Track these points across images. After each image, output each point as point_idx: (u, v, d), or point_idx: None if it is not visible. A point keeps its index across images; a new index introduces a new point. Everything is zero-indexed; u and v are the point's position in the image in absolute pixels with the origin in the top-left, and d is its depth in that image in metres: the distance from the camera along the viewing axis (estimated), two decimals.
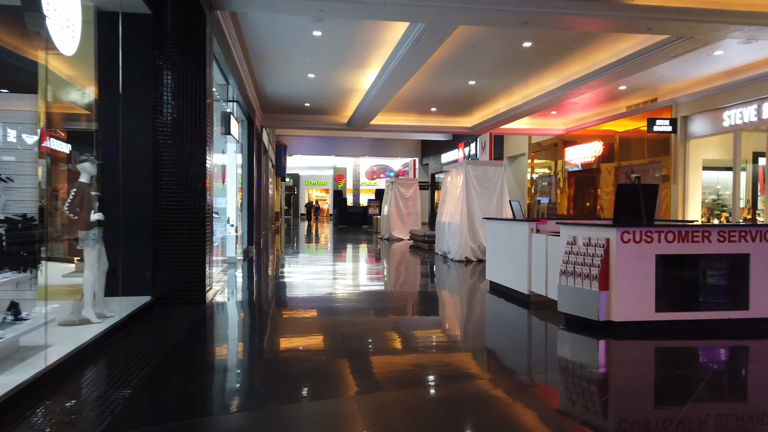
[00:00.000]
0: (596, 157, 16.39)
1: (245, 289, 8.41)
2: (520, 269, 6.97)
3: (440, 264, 11.92)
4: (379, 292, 8.26)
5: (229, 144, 11.32)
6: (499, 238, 7.84)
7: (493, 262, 8.01)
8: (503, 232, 7.65)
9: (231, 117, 9.87)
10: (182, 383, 3.99)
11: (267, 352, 4.92)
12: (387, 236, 19.42)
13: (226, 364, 4.66)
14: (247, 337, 5.59)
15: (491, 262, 8.11)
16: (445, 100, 14.57)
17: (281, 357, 4.75)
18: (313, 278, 9.62)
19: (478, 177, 12.07)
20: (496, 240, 7.93)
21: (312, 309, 6.90)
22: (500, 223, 7.83)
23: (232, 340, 5.42)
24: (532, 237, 6.71)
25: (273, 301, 7.49)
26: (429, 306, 7.42)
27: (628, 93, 13.40)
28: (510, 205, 7.71)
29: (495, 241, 7.99)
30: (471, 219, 12.01)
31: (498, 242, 7.86)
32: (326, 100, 14.47)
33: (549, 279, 6.31)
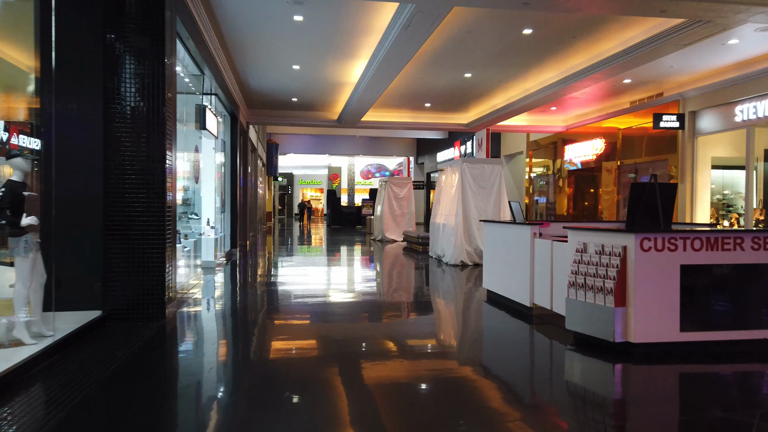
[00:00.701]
0: (597, 155, 15.68)
1: (218, 298, 7.64)
2: (521, 279, 6.23)
3: (434, 268, 11.17)
4: (366, 303, 7.50)
5: (207, 140, 10.54)
6: (497, 242, 7.09)
7: (491, 269, 7.26)
8: (502, 236, 6.90)
9: (207, 111, 9.10)
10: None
11: (228, 387, 4.15)
12: (380, 238, 18.67)
13: (164, 406, 3.89)
14: (202, 365, 4.82)
15: (489, 269, 7.36)
16: (439, 94, 13.83)
17: (246, 392, 3.99)
18: (296, 286, 8.86)
19: (475, 175, 11.33)
20: (494, 245, 7.18)
21: (289, 325, 6.14)
22: (498, 227, 7.08)
23: (184, 370, 4.64)
24: (535, 242, 5.96)
25: (245, 315, 6.73)
26: (420, 320, 6.66)
27: (632, 87, 12.67)
28: (509, 206, 6.98)
29: (493, 246, 7.24)
30: (467, 220, 11.27)
31: (496, 247, 7.11)
32: (314, 94, 13.70)
33: (555, 291, 5.57)
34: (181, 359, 4.88)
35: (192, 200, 12.82)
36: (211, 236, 10.80)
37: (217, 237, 11.31)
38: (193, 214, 11.80)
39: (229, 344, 5.33)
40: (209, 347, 5.17)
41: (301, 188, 47.19)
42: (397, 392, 3.90)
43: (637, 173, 13.97)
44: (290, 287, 8.71)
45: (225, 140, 13.00)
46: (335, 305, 7.20)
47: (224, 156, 12.90)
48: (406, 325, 6.13)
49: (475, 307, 7.19)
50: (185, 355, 5.01)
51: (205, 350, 5.07)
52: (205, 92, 10.12)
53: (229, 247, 13.15)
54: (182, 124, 9.43)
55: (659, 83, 12.31)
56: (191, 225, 11.24)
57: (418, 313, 6.89)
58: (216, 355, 4.92)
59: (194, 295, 7.43)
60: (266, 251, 15.11)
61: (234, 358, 4.86)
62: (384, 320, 6.28)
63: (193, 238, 9.29)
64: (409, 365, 4.54)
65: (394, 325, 6.06)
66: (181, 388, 4.10)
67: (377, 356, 4.81)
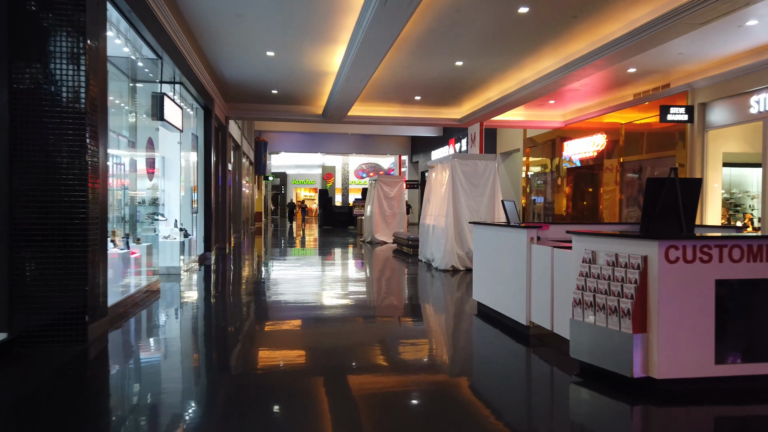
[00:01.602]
0: (598, 152, 14.75)
1: (168, 314, 6.66)
2: (516, 291, 5.28)
3: (423, 274, 10.22)
4: (341, 320, 6.53)
5: (171, 134, 9.56)
6: (488, 248, 6.14)
7: (482, 278, 6.31)
8: (494, 240, 5.95)
9: (165, 100, 8.13)
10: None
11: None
12: (369, 239, 17.72)
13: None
14: (108, 413, 3.85)
15: (479, 279, 6.41)
16: (429, 86, 12.87)
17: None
18: (266, 297, 7.90)
19: (467, 173, 10.37)
20: (485, 251, 6.23)
21: (248, 358, 5.18)
22: (490, 230, 6.13)
23: (77, 418, 3.68)
24: (533, 249, 5.01)
25: (194, 336, 5.76)
26: (400, 342, 5.69)
27: (637, 77, 11.74)
28: (503, 205, 6.03)
29: (484, 252, 6.29)
30: (458, 222, 10.32)
31: (487, 254, 6.16)
32: (295, 86, 12.73)
33: (556, 308, 4.62)
34: (81, 403, 3.91)
35: (161, 200, 11.87)
36: (176, 239, 9.83)
37: (185, 240, 10.34)
38: (160, 215, 10.84)
39: (160, 383, 4.36)
40: (130, 386, 4.20)
41: (294, 188, 46.26)
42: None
43: (641, 171, 13.05)
44: (260, 297, 7.74)
45: (198, 135, 12.03)
46: (306, 322, 6.23)
47: (197, 152, 11.93)
48: (384, 349, 5.17)
49: (465, 324, 6.23)
50: (92, 395, 4.04)
51: (124, 390, 4.10)
52: (166, 80, 9.13)
53: (202, 250, 12.18)
54: (141, 116, 8.46)
55: (666, 73, 11.38)
56: (156, 227, 10.28)
57: (400, 333, 5.92)
58: (138, 397, 3.95)
59: (139, 310, 6.45)
60: (246, 254, 14.14)
61: (162, 409, 3.89)
62: (359, 344, 5.32)
63: (148, 242, 8.31)
64: (383, 401, 3.58)
65: (368, 351, 5.10)
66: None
67: (348, 396, 3.85)
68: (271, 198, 41.43)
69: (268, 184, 39.82)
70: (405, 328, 5.97)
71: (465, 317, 6.43)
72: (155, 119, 8.08)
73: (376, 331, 5.77)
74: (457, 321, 6.39)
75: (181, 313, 6.62)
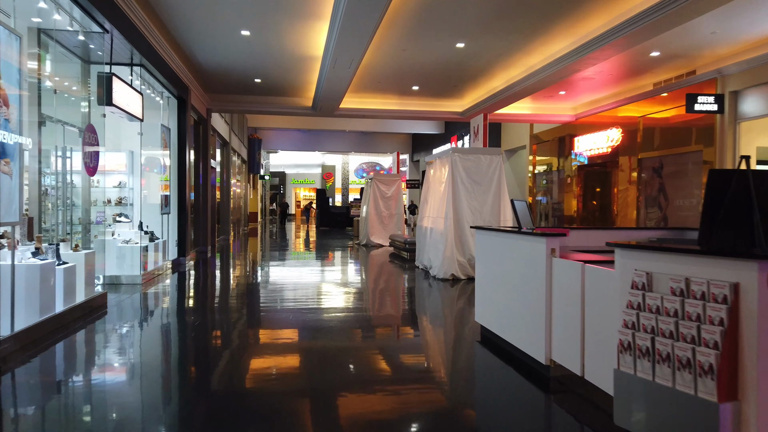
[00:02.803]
0: (612, 148, 13.50)
1: (99, 342, 5.46)
2: (531, 318, 4.06)
3: (420, 284, 9.00)
4: (318, 347, 5.32)
5: (129, 124, 8.38)
6: (494, 259, 4.91)
7: (486, 297, 5.08)
8: (502, 250, 4.73)
9: (115, 82, 6.93)
10: None
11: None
12: (365, 242, 16.51)
13: None
14: None
15: (483, 297, 5.18)
16: (428, 74, 11.64)
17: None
18: (236, 313, 6.70)
19: (469, 169, 9.15)
20: (491, 263, 5.00)
21: (201, 394, 3.97)
22: (497, 236, 4.90)
23: None
24: (554, 264, 3.78)
25: (127, 377, 4.55)
26: (383, 378, 4.46)
27: (659, 63, 10.49)
28: (512, 206, 4.81)
29: (489, 264, 5.06)
30: (458, 224, 9.10)
31: (493, 266, 4.94)
32: (278, 73, 11.51)
33: (588, 346, 3.39)
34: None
35: (129, 199, 10.71)
36: (137, 244, 8.64)
37: (150, 245, 9.15)
38: (123, 216, 9.65)
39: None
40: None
41: (293, 188, 45.19)
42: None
43: (661, 168, 11.79)
44: (225, 315, 6.54)
45: (170, 127, 10.84)
46: (272, 351, 5.02)
47: (170, 146, 10.73)
48: (362, 398, 3.95)
49: (465, 355, 5.00)
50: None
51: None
52: (123, 62, 7.94)
53: (176, 255, 10.99)
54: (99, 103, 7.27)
55: (692, 58, 10.13)
56: (116, 230, 9.10)
57: (384, 369, 4.69)
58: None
59: (63, 335, 5.25)
60: (229, 259, 12.94)
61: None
62: (336, 380, 4.10)
63: (93, 248, 7.11)
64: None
65: (343, 402, 3.88)
66: None
67: None
68: (270, 198, 40.27)
69: (266, 183, 38.69)
70: (392, 361, 4.75)
71: (465, 345, 5.20)
72: (102, 103, 6.88)
73: (358, 368, 4.54)
74: (455, 351, 5.15)
75: (119, 338, 5.41)
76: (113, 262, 8.45)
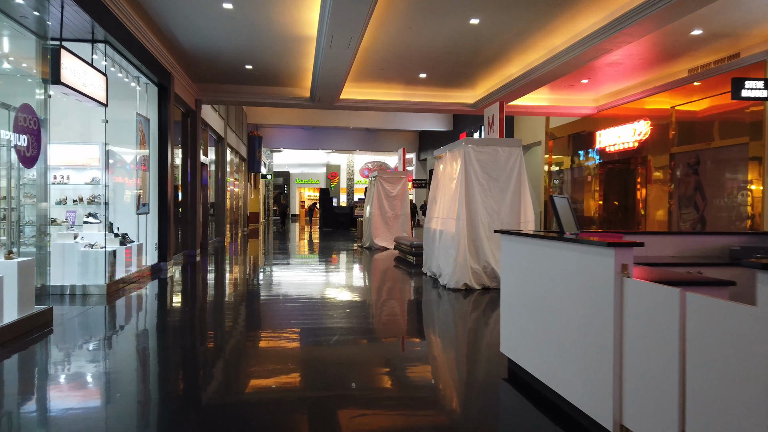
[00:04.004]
0: (640, 143, 12.26)
1: (31, 372, 4.31)
2: (587, 362, 2.87)
3: (428, 295, 7.82)
4: (302, 395, 4.16)
5: (91, 110, 7.26)
6: (527, 274, 3.72)
7: (516, 323, 3.89)
8: (538, 263, 3.54)
9: (64, 56, 5.81)
10: None
11: None
12: (368, 245, 15.34)
13: None
14: None
15: (511, 323, 3.99)
16: (437, 58, 10.46)
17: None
18: (210, 328, 5.55)
19: (484, 163, 7.96)
20: (522, 278, 3.81)
21: None
22: (531, 244, 3.70)
23: None
24: (628, 287, 2.58)
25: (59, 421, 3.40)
26: None
27: (698, 45, 9.26)
28: (551, 204, 3.63)
29: (519, 280, 3.87)
30: (472, 227, 7.91)
31: (525, 284, 3.74)
32: (271, 56, 10.36)
33: (693, 415, 2.19)
34: None
35: (104, 197, 9.62)
36: (103, 248, 7.52)
37: (119, 249, 8.03)
38: (90, 215, 8.55)
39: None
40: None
41: (298, 187, 44.21)
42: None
43: (698, 164, 10.54)
44: (196, 336, 5.39)
45: (149, 118, 9.72)
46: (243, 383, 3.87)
47: (148, 139, 9.61)
48: None
49: (486, 401, 3.80)
50: None
51: None
52: (80, 37, 6.81)
53: (155, 260, 9.87)
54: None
55: (738, 38, 8.90)
56: (80, 232, 8.00)
57: (378, 419, 3.51)
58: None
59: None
60: (218, 264, 11.80)
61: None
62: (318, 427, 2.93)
63: (37, 254, 5.99)
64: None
65: None
66: None
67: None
68: (273, 198, 39.20)
69: (269, 183, 37.63)
70: (388, 406, 3.56)
71: (488, 386, 4.01)
72: (48, 81, 5.75)
73: (355, 403, 3.37)
74: (475, 393, 3.95)
75: (58, 365, 4.26)
76: (74, 270, 7.34)
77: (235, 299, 7.52)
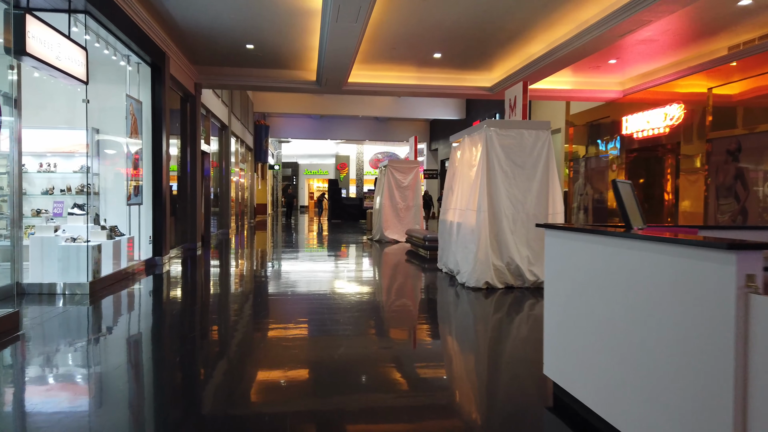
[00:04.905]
0: (671, 127, 11.36)
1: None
2: (687, 406, 2.08)
3: (445, 294, 7.05)
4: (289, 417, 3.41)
5: (67, 88, 6.53)
6: (584, 281, 2.93)
7: (567, 344, 3.11)
8: (602, 267, 2.74)
9: (30, 22, 5.06)
10: None
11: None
12: (378, 237, 14.59)
13: None
14: None
15: (560, 343, 3.21)
16: (453, 36, 9.62)
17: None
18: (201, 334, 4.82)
19: (508, 148, 7.14)
20: (578, 286, 3.01)
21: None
22: (591, 242, 2.90)
23: None
24: (757, 309, 1.79)
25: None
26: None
27: (743, 18, 8.35)
28: (614, 190, 2.85)
29: (573, 287, 3.08)
30: (495, 219, 7.11)
31: (583, 293, 2.95)
32: (272, 35, 9.56)
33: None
34: None
35: (86, 185, 8.96)
36: (88, 242, 6.81)
37: (102, 243, 7.32)
38: (75, 206, 7.85)
39: None
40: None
41: (306, 178, 43.55)
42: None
43: (739, 150, 9.64)
44: (179, 348, 4.67)
45: (142, 101, 8.99)
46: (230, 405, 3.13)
47: (140, 124, 8.88)
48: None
49: None
50: None
51: None
52: (56, 7, 6.04)
53: (150, 254, 9.17)
54: None
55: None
56: (63, 225, 7.30)
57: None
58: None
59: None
60: (219, 257, 11.09)
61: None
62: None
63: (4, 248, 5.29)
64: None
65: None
66: None
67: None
68: (282, 189, 38.50)
69: (278, 174, 36.95)
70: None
71: (528, 417, 3.21)
72: (12, 55, 5.00)
73: None
74: (511, 426, 3.18)
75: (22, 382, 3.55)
76: (54, 267, 6.64)
77: (230, 299, 6.78)
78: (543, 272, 7.18)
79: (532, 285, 7.14)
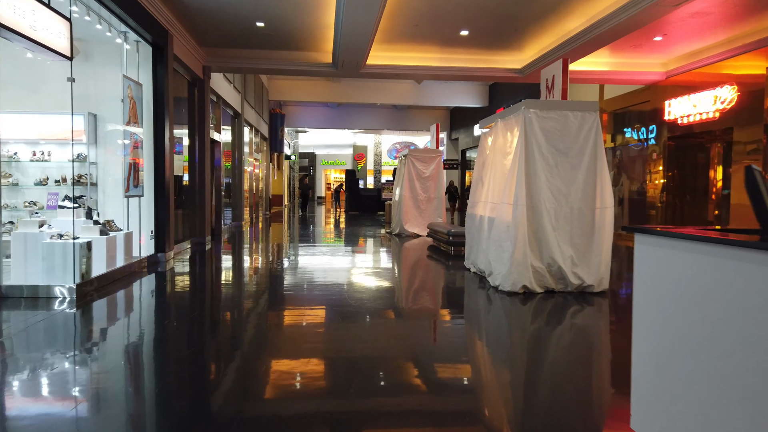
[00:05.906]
0: (722, 112, 10.28)
1: None
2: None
3: (475, 298, 6.21)
4: None
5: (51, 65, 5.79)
6: (703, 307, 2.07)
7: (672, 393, 2.25)
8: (740, 290, 1.88)
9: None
10: None
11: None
12: (398, 231, 13.76)
13: None
14: None
15: (657, 390, 2.34)
16: (482, 9, 8.68)
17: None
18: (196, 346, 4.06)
19: (550, 132, 6.23)
20: (693, 315, 2.15)
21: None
22: (716, 255, 2.05)
23: None
24: None
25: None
26: None
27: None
28: (749, 180, 2.01)
29: (684, 317, 2.21)
30: (534, 213, 6.22)
31: (700, 324, 2.09)
32: (285, 10, 8.72)
33: None
34: None
35: (92, 177, 8.32)
36: (78, 239, 6.09)
37: (92, 239, 6.60)
38: (67, 199, 7.16)
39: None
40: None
41: (324, 169, 42.85)
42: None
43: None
44: (173, 368, 3.91)
45: (142, 83, 8.24)
46: None
47: (139, 107, 8.13)
48: None
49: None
50: None
51: None
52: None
53: (152, 250, 8.47)
54: None
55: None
56: (49, 220, 6.61)
57: None
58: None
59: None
60: (231, 253, 10.37)
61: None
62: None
63: None
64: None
65: None
66: None
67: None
68: (299, 180, 37.84)
69: (294, 164, 36.27)
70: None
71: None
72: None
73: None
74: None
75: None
76: (38, 266, 5.94)
77: (232, 303, 6.02)
78: (589, 275, 6.31)
79: (575, 289, 6.25)
